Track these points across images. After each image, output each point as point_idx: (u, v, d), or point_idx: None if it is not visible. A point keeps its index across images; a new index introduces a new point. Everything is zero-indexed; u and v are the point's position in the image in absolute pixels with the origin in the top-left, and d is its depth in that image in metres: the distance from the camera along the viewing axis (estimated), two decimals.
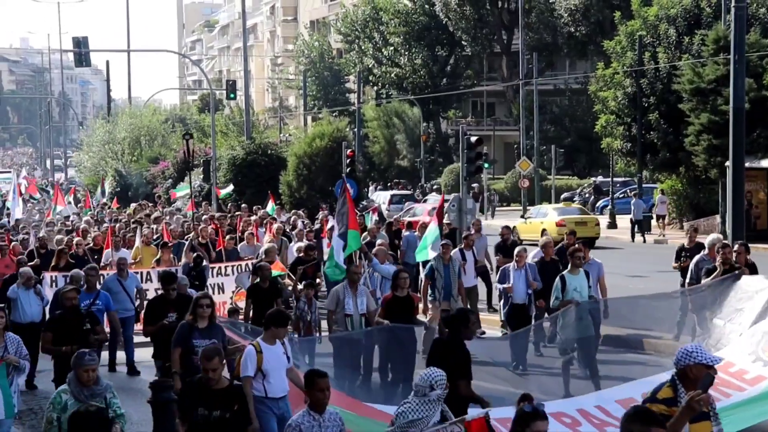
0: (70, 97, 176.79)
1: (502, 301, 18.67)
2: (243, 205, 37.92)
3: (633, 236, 42.68)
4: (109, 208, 44.26)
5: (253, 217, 30.46)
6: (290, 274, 20.41)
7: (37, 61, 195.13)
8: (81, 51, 48.14)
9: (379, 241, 22.71)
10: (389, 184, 76.76)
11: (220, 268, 22.67)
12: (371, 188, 66.16)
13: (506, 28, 76.13)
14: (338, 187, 36.81)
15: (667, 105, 44.04)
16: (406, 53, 78.85)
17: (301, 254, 21.10)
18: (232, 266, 22.78)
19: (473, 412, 9.37)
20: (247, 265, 22.36)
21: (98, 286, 17.70)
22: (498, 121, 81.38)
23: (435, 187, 70.35)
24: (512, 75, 73.23)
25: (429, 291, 18.50)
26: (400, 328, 14.38)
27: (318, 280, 20.26)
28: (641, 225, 43.23)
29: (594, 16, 67.80)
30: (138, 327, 18.53)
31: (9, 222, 33.41)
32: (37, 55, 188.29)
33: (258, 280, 17.12)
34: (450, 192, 58.81)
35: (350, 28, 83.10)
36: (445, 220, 26.97)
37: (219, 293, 21.71)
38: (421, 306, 17.84)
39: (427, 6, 77.55)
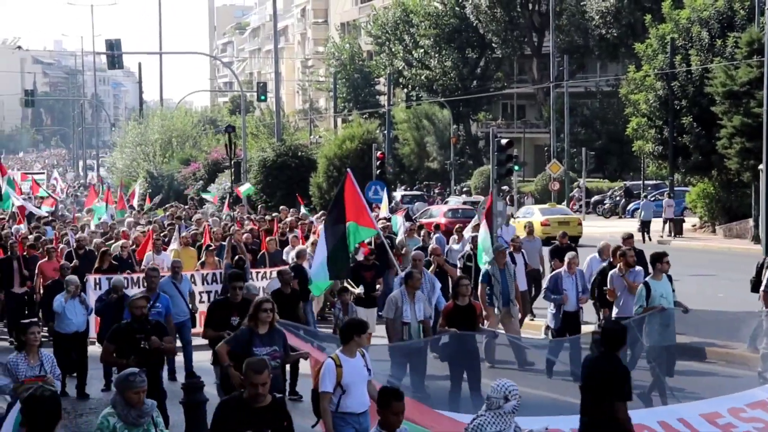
0: (102, 99, 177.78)
1: (551, 306, 17.86)
2: (282, 207, 36.99)
3: (643, 237, 42.83)
4: (143, 210, 44.13)
5: (289, 219, 29.78)
6: (350, 281, 19.57)
7: (70, 63, 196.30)
8: (114, 53, 48.33)
9: (432, 246, 22.18)
10: (418, 186, 76.71)
11: (264, 272, 22.21)
12: (399, 190, 66.08)
13: (537, 31, 75.86)
14: (368, 189, 36.75)
15: (700, 108, 43.68)
16: (437, 55, 78.71)
17: (361, 259, 20.27)
18: (273, 271, 21.84)
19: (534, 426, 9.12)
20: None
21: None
22: (528, 124, 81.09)
23: (464, 189, 70.20)
24: (543, 77, 72.93)
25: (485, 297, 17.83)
26: (465, 336, 13.87)
27: (378, 286, 19.60)
28: (647, 226, 43.46)
29: (625, 19, 67.42)
30: (195, 331, 18.21)
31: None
32: (70, 58, 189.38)
33: (280, 285, 16.45)
34: (480, 194, 58.65)
35: (381, 31, 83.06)
36: (473, 222, 26.87)
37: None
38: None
39: (457, 8, 77.39)
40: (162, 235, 25.82)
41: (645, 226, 43.25)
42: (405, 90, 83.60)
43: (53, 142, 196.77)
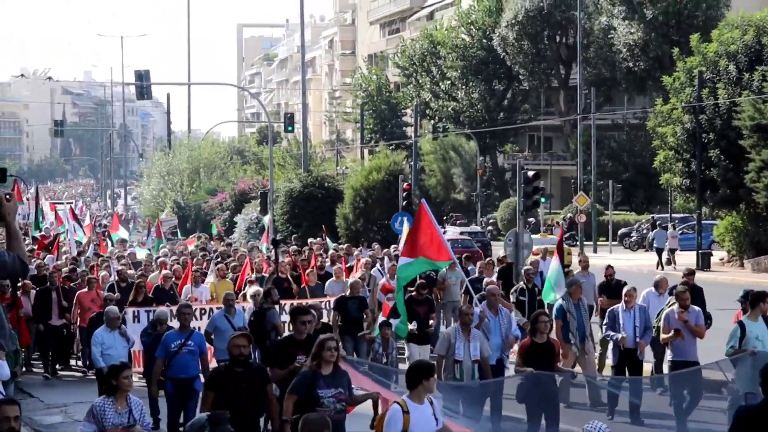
0: (131, 130, 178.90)
1: (610, 345, 17.07)
2: (317, 239, 36.49)
3: (658, 264, 44.67)
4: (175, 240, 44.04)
5: (330, 251, 29.15)
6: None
7: (99, 93, 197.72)
8: (143, 84, 48.66)
9: (486, 279, 21.30)
10: (445, 218, 76.66)
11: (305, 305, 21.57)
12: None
13: (564, 63, 75.91)
14: (394, 220, 36.74)
15: (727, 141, 43.51)
16: (464, 87, 78.86)
17: (413, 293, 19.35)
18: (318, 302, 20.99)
19: None
20: (328, 302, 21.04)
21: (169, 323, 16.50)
22: (555, 156, 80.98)
23: (491, 221, 70.11)
24: (570, 109, 72.88)
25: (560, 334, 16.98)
26: (543, 376, 13.24)
27: (431, 322, 19.09)
28: (660, 254, 45.45)
29: (653, 52, 67.39)
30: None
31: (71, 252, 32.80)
32: (99, 88, 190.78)
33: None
34: (506, 227, 58.52)
35: (408, 62, 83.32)
36: (500, 254, 26.78)
37: None
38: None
39: (484, 40, 77.57)
40: (200, 267, 25.41)
41: (658, 254, 45.01)
42: (432, 121, 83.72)
43: (82, 172, 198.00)
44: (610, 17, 69.82)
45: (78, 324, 22.03)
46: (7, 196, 6.60)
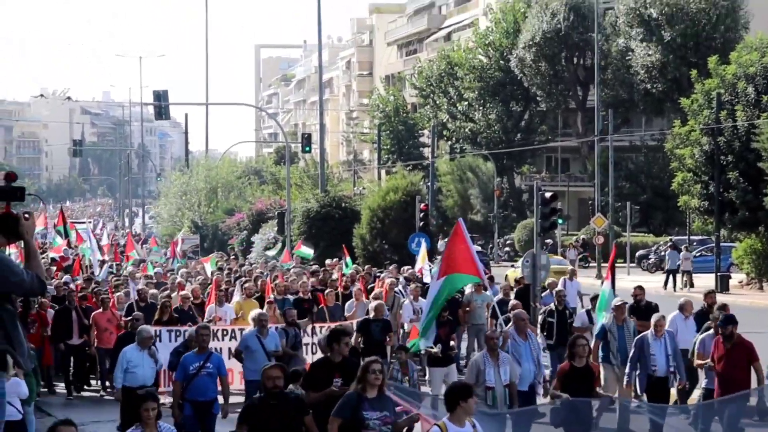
0: (149, 149, 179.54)
1: (637, 372, 16.18)
2: (329, 261, 36.46)
3: (665, 285, 46.06)
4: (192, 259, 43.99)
5: (350, 272, 28.84)
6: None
7: (118, 113, 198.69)
8: (161, 104, 48.91)
9: (513, 301, 20.78)
10: None
11: (327, 327, 20.40)
12: (440, 242, 65.94)
13: (581, 84, 75.87)
14: (411, 240, 36.70)
15: (746, 163, 43.38)
16: (481, 108, 78.87)
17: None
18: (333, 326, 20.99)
19: None
20: (351, 324, 20.21)
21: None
22: (572, 177, 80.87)
23: (508, 242, 69.99)
24: (587, 131, 72.78)
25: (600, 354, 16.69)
26: (580, 403, 12.82)
27: (452, 343, 18.83)
28: (674, 275, 46.56)
29: (671, 74, 67.30)
30: None
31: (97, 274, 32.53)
32: (118, 108, 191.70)
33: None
34: (523, 248, 58.41)
35: (425, 83, 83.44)
36: (517, 275, 26.66)
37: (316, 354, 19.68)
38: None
39: (502, 62, 77.63)
40: (225, 286, 25.22)
41: (672, 276, 46.05)
42: (449, 142, 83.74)
43: (100, 192, 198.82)
44: (628, 39, 69.78)
45: (95, 345, 21.94)
46: (26, 215, 6.61)
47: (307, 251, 39.87)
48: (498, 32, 78.79)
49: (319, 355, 18.58)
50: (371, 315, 19.67)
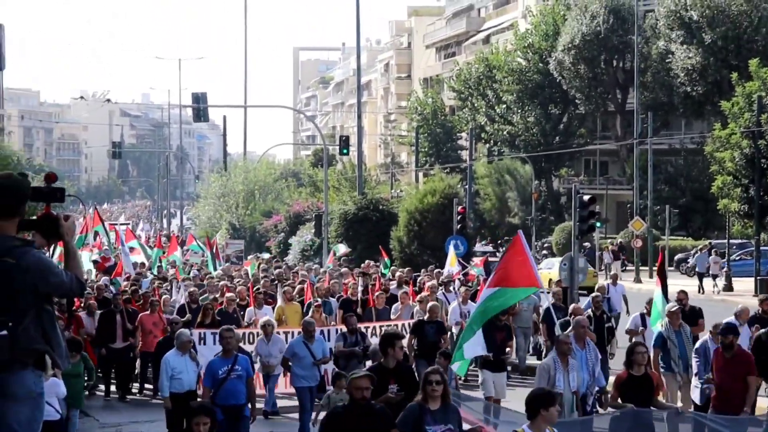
0: (187, 151, 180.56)
1: (694, 381, 15.68)
2: (365, 263, 36.21)
3: (699, 288, 45.44)
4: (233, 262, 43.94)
5: (397, 273, 28.47)
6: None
7: (157, 116, 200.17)
8: (200, 106, 49.07)
9: (573, 305, 20.07)
10: (499, 242, 76.35)
11: (372, 327, 20.62)
12: (479, 245, 65.87)
13: (621, 87, 75.53)
14: (448, 243, 36.67)
15: None
16: (519, 111, 78.70)
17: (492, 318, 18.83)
18: (383, 326, 20.29)
19: None
20: (404, 326, 20.37)
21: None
22: (611, 180, 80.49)
23: (546, 245, 69.74)
24: (626, 134, 72.45)
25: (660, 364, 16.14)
26: (642, 413, 12.43)
27: (508, 349, 18.62)
28: (701, 277, 46.68)
29: (711, 76, 66.82)
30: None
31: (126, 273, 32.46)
32: (157, 111, 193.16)
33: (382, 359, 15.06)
34: (561, 252, 58.18)
35: (464, 86, 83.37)
36: (554, 277, 26.55)
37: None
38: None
39: (541, 64, 77.43)
40: (265, 289, 25.01)
41: (699, 279, 46.15)
42: (487, 145, 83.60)
43: (139, 194, 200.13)
44: (668, 41, 69.36)
45: (140, 348, 21.74)
46: (66, 216, 6.69)
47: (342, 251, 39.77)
48: (537, 35, 78.60)
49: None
50: (425, 316, 19.49)
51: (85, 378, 17.39)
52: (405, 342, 16.35)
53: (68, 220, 6.65)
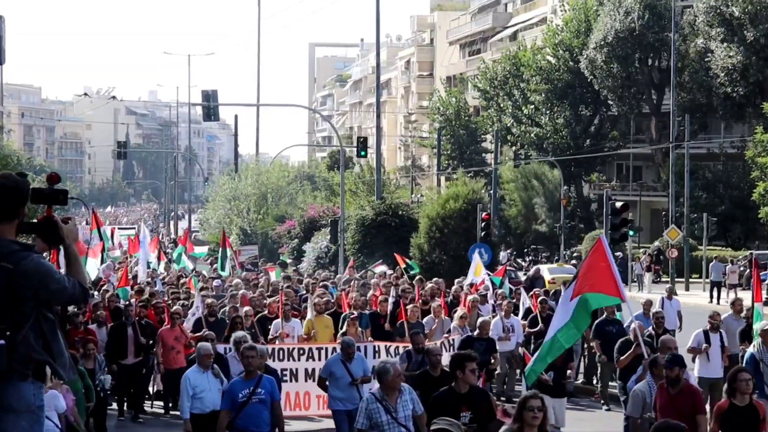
0: (196, 152, 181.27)
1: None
2: (381, 270, 36.09)
3: (711, 298, 46.96)
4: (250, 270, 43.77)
5: (429, 285, 27.24)
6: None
7: (164, 114, 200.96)
8: (210, 105, 49.20)
9: (634, 323, 17.75)
10: (525, 251, 76.30)
11: (396, 347, 19.71)
12: (503, 254, 65.83)
13: (656, 88, 75.36)
14: (472, 251, 36.59)
15: None
16: (548, 112, 78.64)
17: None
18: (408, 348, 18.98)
19: None
20: (443, 343, 19.63)
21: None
22: (645, 186, 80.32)
23: (575, 254, 69.62)
24: (661, 137, 72.25)
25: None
26: None
27: (569, 372, 17.92)
28: (718, 287, 47.57)
29: (753, 77, 66.59)
30: None
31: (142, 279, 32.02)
32: (164, 109, 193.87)
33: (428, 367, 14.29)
34: None
35: (489, 85, 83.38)
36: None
37: None
38: None
39: (571, 63, 77.35)
40: (293, 300, 24.26)
41: (715, 287, 47.13)
42: (513, 148, 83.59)
43: (144, 196, 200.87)
44: (707, 39, 69.17)
45: (162, 365, 20.91)
46: (67, 219, 6.69)
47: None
48: (568, 31, 78.54)
49: None
50: (476, 333, 19.04)
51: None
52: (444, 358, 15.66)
53: (68, 223, 6.66)
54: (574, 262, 64.48)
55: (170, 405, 21.47)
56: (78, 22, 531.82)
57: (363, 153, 57.48)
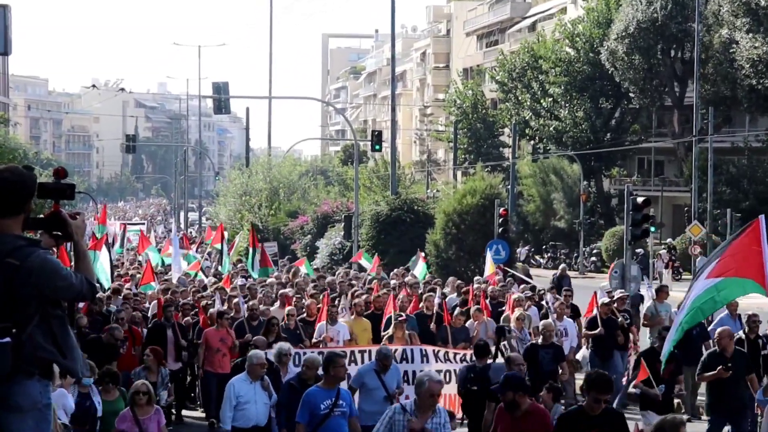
0: (206, 146, 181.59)
1: None
2: (395, 271, 35.50)
3: None
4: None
5: (477, 285, 26.23)
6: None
7: (174, 107, 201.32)
8: (220, 97, 49.26)
9: (720, 329, 17.22)
10: (544, 247, 76.24)
11: (446, 352, 19.20)
12: (520, 250, 65.79)
13: (679, 80, 75.15)
14: (489, 248, 36.60)
15: None
16: (567, 105, 78.51)
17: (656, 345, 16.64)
18: (460, 354, 18.70)
19: None
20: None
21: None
22: (667, 181, 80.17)
23: (595, 251, 69.57)
24: (684, 131, 72.07)
25: None
26: None
27: (679, 386, 16.78)
28: None
29: None
30: None
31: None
32: (174, 101, 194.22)
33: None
34: (611, 258, 57.97)
35: (507, 77, 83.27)
36: (606, 288, 26.37)
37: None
38: None
39: (591, 54, 77.19)
40: (337, 301, 23.56)
41: None
42: (531, 142, 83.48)
43: (154, 191, 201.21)
44: (732, 30, 68.94)
45: (203, 368, 19.88)
46: (75, 215, 6.70)
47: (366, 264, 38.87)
48: (588, 22, 78.40)
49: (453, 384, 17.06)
50: (539, 339, 18.02)
51: None
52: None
53: (77, 219, 6.66)
54: (593, 259, 64.36)
55: (210, 414, 20.18)
56: (86, 11, 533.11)
57: (377, 147, 57.47)
